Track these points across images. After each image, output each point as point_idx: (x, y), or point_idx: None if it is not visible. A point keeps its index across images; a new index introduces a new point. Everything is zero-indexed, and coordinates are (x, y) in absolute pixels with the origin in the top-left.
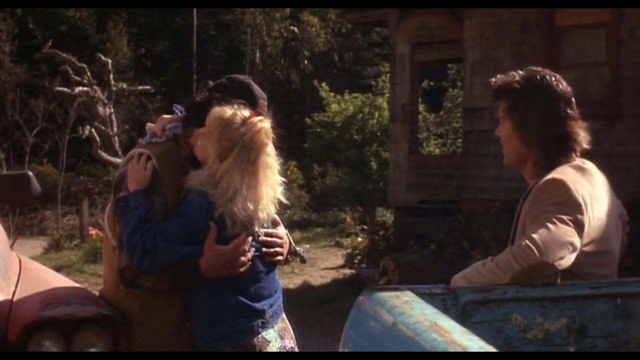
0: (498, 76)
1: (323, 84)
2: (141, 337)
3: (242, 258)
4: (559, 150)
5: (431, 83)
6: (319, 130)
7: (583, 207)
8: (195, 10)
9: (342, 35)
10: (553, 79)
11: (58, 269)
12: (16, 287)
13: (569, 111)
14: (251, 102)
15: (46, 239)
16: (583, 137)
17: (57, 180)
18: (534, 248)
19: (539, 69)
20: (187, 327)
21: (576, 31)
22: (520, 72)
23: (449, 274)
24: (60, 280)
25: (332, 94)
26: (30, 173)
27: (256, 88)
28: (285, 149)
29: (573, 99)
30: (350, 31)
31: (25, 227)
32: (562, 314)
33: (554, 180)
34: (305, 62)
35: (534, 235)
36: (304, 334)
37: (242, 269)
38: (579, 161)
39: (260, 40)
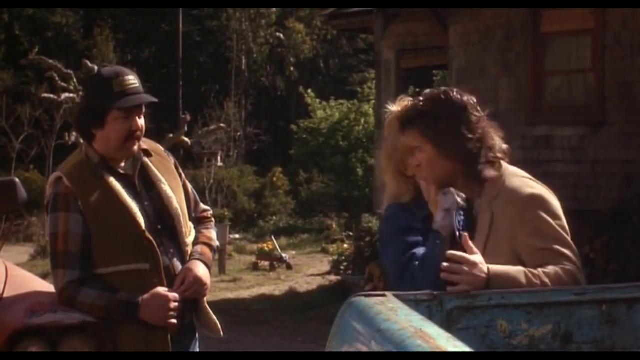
0: (391, 109)
1: (309, 91)
2: (124, 335)
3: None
4: (483, 155)
5: (417, 89)
6: (304, 136)
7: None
8: (181, 16)
9: (327, 41)
10: (453, 91)
11: (44, 275)
12: (2, 294)
13: (476, 114)
14: (105, 90)
15: (32, 246)
16: (499, 146)
17: (43, 187)
18: (579, 276)
19: (435, 89)
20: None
21: (561, 37)
22: (418, 97)
23: None
24: (47, 288)
25: (317, 101)
26: (17, 179)
27: (107, 71)
28: (271, 156)
29: (477, 105)
30: (335, 38)
31: (12, 233)
32: (547, 320)
33: (540, 194)
34: (291, 68)
35: (572, 266)
36: (290, 340)
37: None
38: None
39: (246, 47)
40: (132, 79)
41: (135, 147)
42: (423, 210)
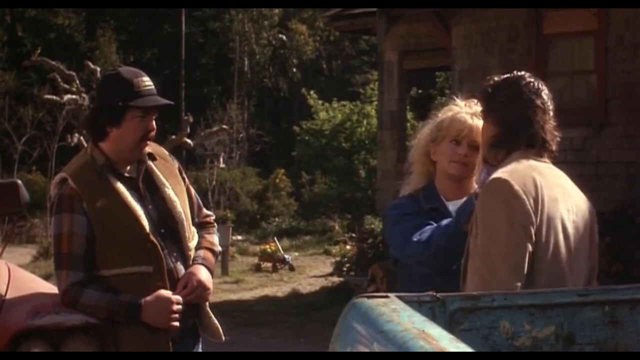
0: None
1: (311, 92)
2: (126, 336)
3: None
4: (522, 132)
5: (419, 91)
6: (307, 138)
7: (529, 207)
8: (183, 17)
9: (330, 43)
10: (528, 75)
11: (47, 277)
12: (4, 295)
13: (536, 100)
14: (125, 89)
15: (35, 247)
16: (550, 132)
17: (45, 189)
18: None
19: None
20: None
21: (564, 39)
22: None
23: None
24: (49, 289)
25: (320, 102)
26: (19, 181)
27: (126, 70)
28: (274, 157)
29: (547, 97)
30: (338, 39)
31: (14, 235)
32: (550, 321)
33: (498, 180)
34: (294, 70)
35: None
36: (292, 341)
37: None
38: (541, 163)
39: (248, 48)
40: (149, 81)
41: (147, 149)
42: (430, 202)
